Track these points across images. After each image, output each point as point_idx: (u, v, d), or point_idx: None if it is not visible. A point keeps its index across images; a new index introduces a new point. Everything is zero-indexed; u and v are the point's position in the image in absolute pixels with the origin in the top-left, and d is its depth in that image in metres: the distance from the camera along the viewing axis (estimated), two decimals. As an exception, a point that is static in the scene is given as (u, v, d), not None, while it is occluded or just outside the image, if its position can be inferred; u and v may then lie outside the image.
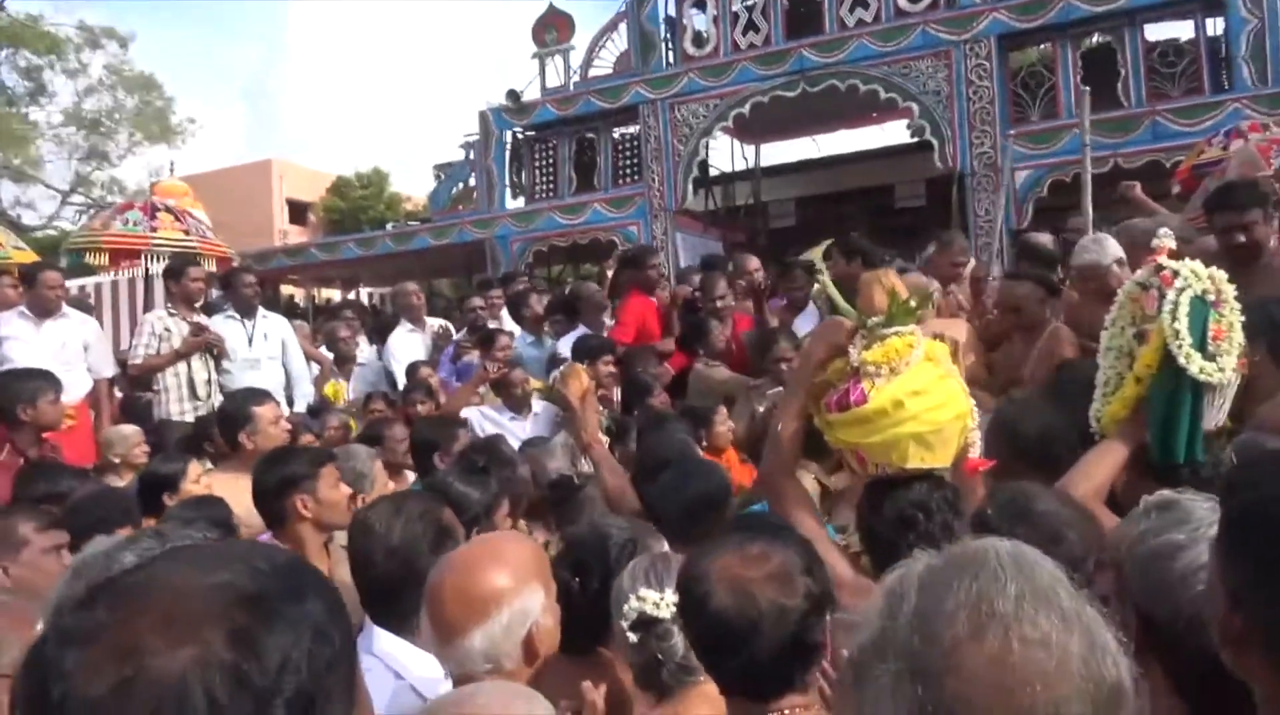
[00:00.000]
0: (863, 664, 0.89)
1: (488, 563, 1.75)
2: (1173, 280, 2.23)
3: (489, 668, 1.67)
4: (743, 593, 1.53)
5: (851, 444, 2.04)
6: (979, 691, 0.83)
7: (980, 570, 0.88)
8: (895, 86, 11.25)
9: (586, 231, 13.03)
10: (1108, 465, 2.22)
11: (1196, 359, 2.18)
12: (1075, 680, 0.83)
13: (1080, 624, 0.87)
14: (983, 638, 0.84)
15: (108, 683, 0.71)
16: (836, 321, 2.08)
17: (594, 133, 13.32)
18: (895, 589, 0.91)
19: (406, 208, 28.83)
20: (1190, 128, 9.51)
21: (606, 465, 3.15)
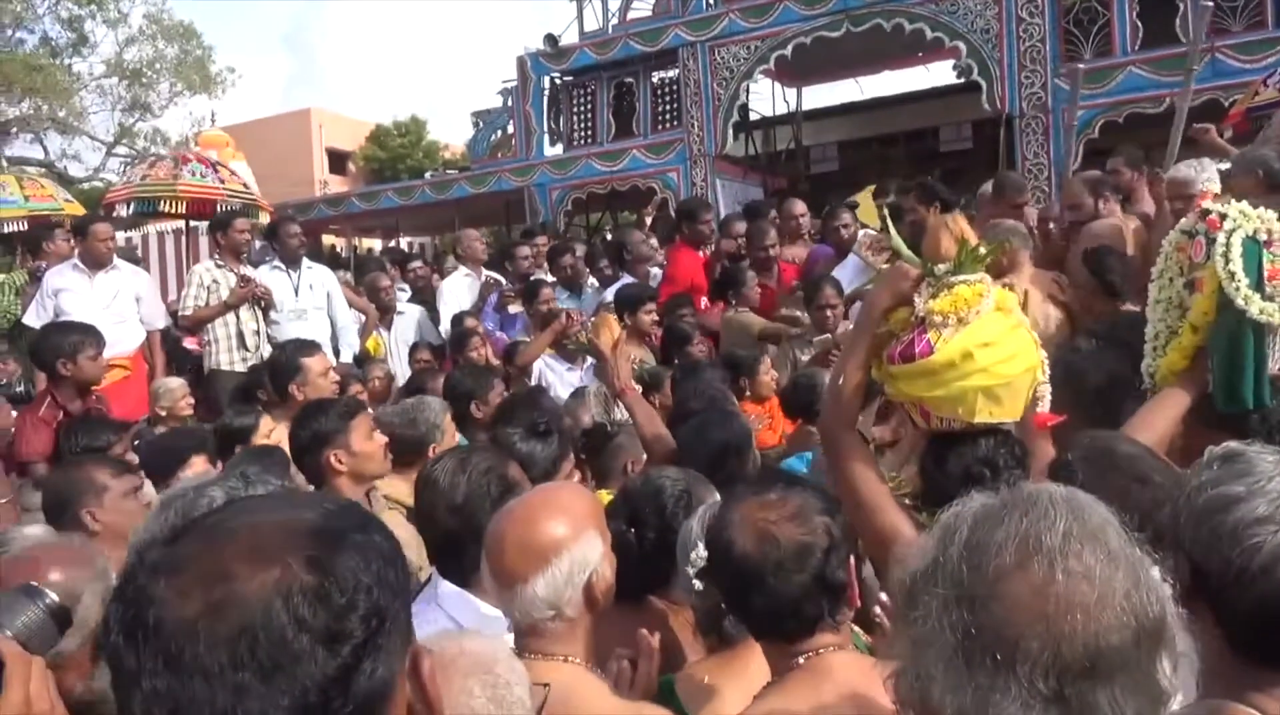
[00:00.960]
0: (915, 589, 0.94)
1: (547, 512, 1.77)
2: (1220, 223, 2.15)
3: (551, 615, 1.70)
4: (764, 534, 1.59)
5: (915, 397, 1.98)
6: (1022, 617, 0.87)
7: (1031, 508, 0.93)
8: (942, 25, 10.91)
9: (626, 178, 12.91)
10: (1169, 416, 2.18)
11: (1256, 300, 2.10)
12: (1116, 612, 0.87)
13: (1126, 562, 0.90)
14: (1028, 568, 0.89)
15: (198, 605, 0.78)
16: (901, 268, 2.01)
17: (632, 77, 13.11)
18: (950, 523, 0.96)
19: (445, 156, 28.76)
20: (1252, 64, 9.15)
21: (641, 411, 3.15)
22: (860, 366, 2.03)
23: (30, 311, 6.13)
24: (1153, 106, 9.80)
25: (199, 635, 0.77)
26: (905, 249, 2.07)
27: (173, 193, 8.68)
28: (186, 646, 0.77)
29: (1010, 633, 0.87)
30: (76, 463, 2.94)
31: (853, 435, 2.05)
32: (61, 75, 23.41)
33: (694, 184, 12.33)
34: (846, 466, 2.02)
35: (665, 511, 2.07)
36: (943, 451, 1.99)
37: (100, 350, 4.76)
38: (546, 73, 13.50)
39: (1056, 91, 10.40)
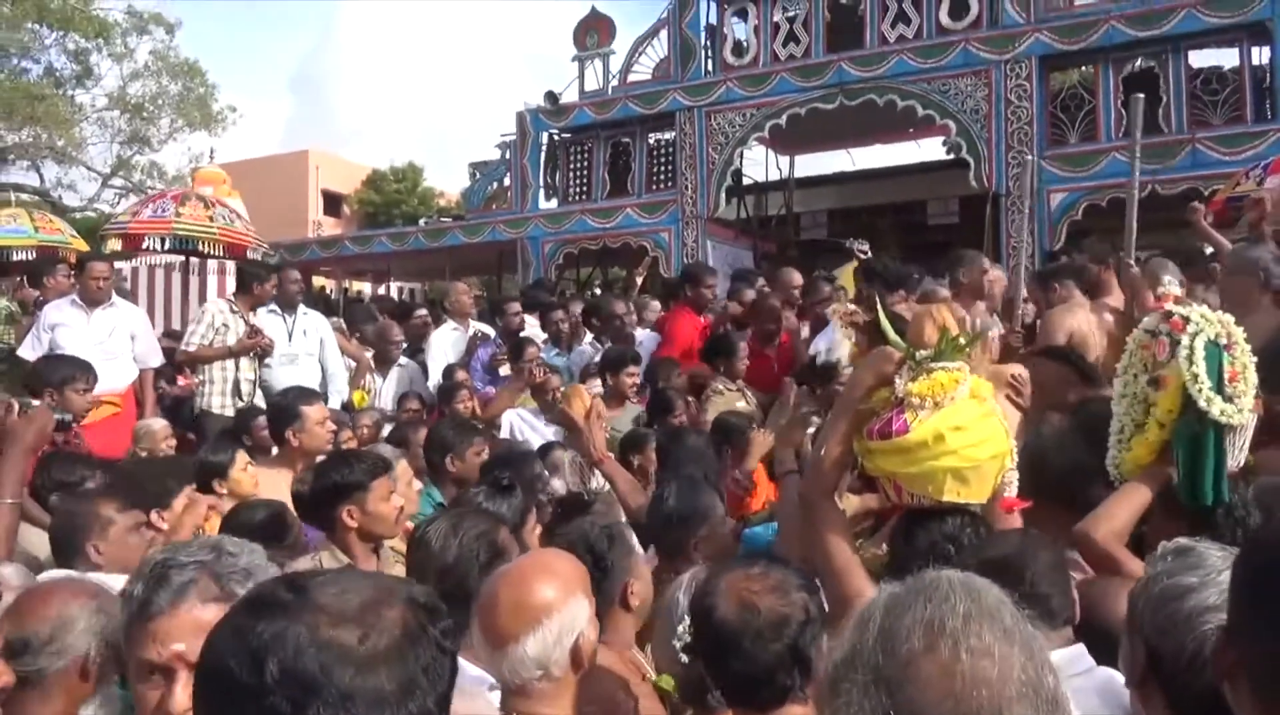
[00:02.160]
0: (837, 678, 1.01)
1: (539, 575, 1.88)
2: (1184, 326, 2.28)
3: (539, 674, 1.78)
4: (745, 602, 1.70)
5: (889, 472, 2.11)
6: (933, 697, 0.94)
7: (934, 593, 1.01)
8: (933, 103, 11.24)
9: (618, 235, 13.11)
10: (1131, 508, 2.27)
11: (1217, 402, 2.21)
12: (1017, 685, 0.95)
13: (1021, 638, 0.98)
14: (936, 650, 0.96)
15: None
16: (886, 351, 2.14)
17: (629, 138, 13.39)
18: (864, 613, 1.04)
19: (439, 204, 29.03)
20: (1230, 156, 9.47)
21: (622, 479, 3.23)
22: (842, 440, 2.14)
23: (26, 344, 6.17)
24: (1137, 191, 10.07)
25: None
26: (891, 333, 2.18)
27: (123, 231, 8.84)
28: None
29: (924, 712, 0.94)
30: (84, 496, 2.98)
31: (830, 503, 2.15)
32: (63, 106, 23.62)
33: (685, 245, 12.54)
34: (822, 533, 2.12)
35: (595, 547, 2.26)
36: (912, 527, 2.10)
37: (91, 385, 4.80)
38: (545, 129, 13.76)
39: (1042, 173, 10.71)
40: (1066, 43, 10.67)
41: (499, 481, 2.96)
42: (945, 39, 11.23)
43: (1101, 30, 10.47)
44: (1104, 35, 10.46)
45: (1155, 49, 10.49)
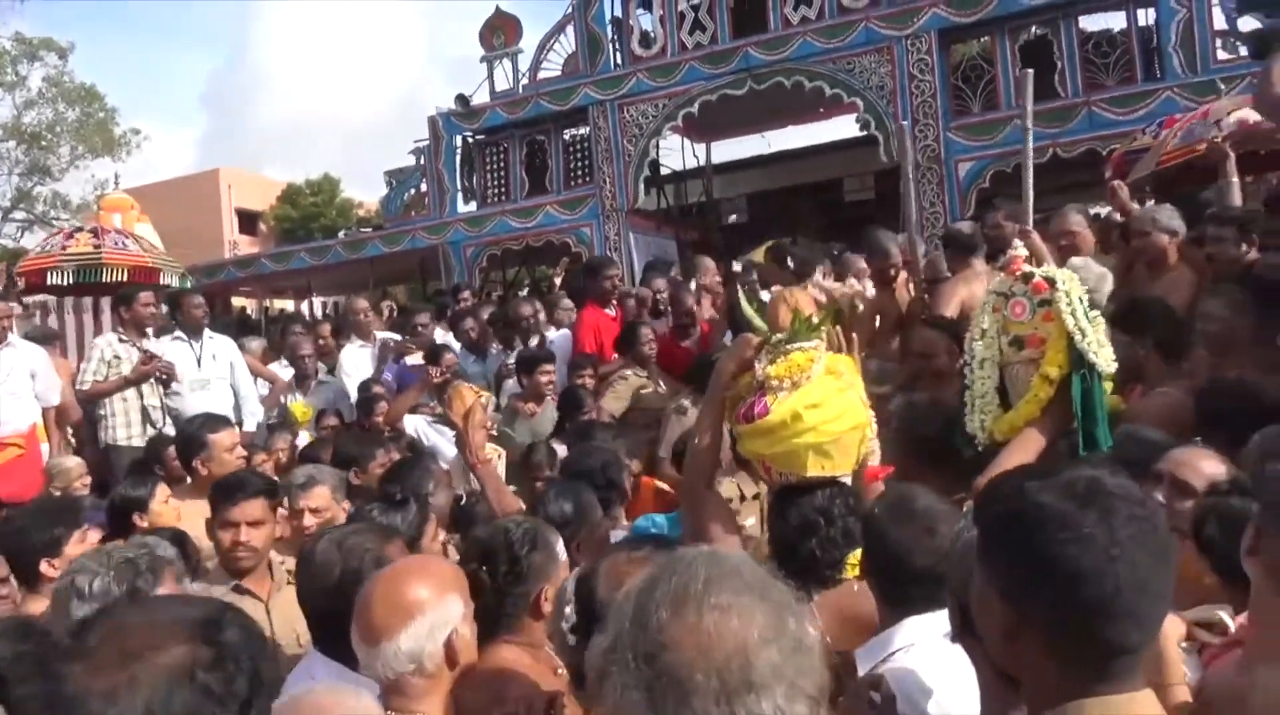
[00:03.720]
0: (604, 667, 1.06)
1: (413, 574, 1.95)
2: (1050, 286, 2.34)
3: (413, 668, 1.84)
4: (621, 585, 1.67)
5: (758, 454, 2.16)
6: (686, 656, 1.01)
7: (679, 566, 1.09)
8: (840, 83, 11.39)
9: (540, 234, 13.06)
10: (1027, 454, 2.31)
11: (1103, 352, 2.28)
12: (760, 632, 1.02)
13: (760, 590, 1.07)
14: (682, 615, 1.04)
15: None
16: (746, 337, 2.18)
17: (544, 135, 13.34)
18: (621, 601, 1.11)
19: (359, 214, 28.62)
20: (1124, 116, 9.76)
21: (492, 483, 3.20)
22: (712, 428, 2.16)
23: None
24: (1038, 157, 10.28)
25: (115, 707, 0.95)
26: (752, 317, 2.21)
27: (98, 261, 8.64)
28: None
29: (681, 674, 1.01)
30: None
31: (709, 490, 2.18)
32: (-44, 140, 22.75)
33: (607, 238, 12.54)
34: (702, 518, 2.15)
35: (515, 549, 2.22)
36: (784, 504, 2.14)
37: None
38: (459, 132, 13.64)
39: (949, 144, 10.93)
40: (963, 15, 10.88)
41: (391, 495, 2.93)
42: (846, 18, 11.38)
43: (995, 1, 10.69)
44: (998, 6, 10.70)
45: (1048, 16, 10.75)
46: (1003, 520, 1.21)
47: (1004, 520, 1.20)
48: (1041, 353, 2.36)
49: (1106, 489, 1.16)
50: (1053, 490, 1.16)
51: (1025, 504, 1.17)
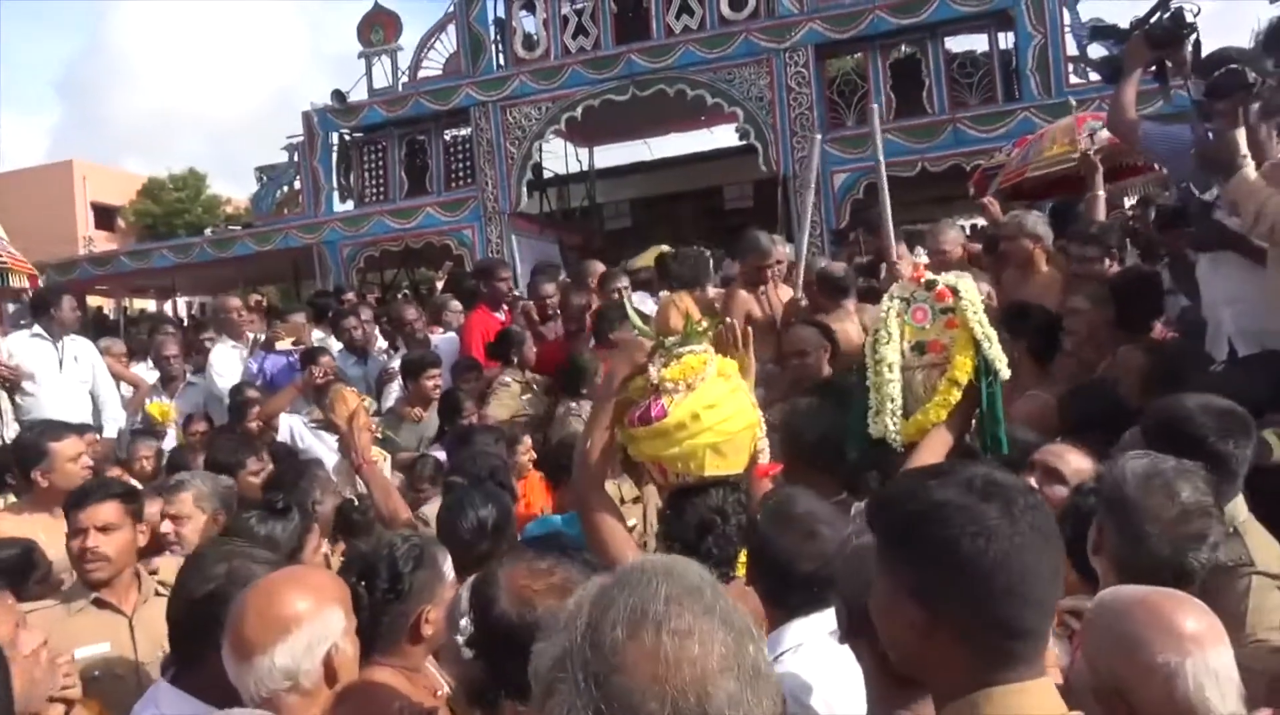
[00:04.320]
0: (551, 680, 1.01)
1: (290, 586, 1.83)
2: (952, 295, 2.45)
3: (288, 685, 1.72)
4: (524, 601, 1.64)
5: (653, 456, 2.18)
6: (640, 682, 0.96)
7: (637, 581, 1.03)
8: (721, 92, 11.61)
9: (420, 235, 12.82)
10: (939, 455, 2.38)
11: (1002, 359, 2.40)
12: (719, 659, 0.97)
13: (721, 613, 1.01)
14: (639, 637, 0.98)
15: None
16: (638, 341, 2.20)
17: (425, 135, 13.11)
18: (573, 610, 1.05)
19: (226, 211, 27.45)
20: (986, 134, 10.27)
21: (377, 485, 3.13)
22: (605, 431, 2.17)
23: None
24: (906, 170, 10.77)
25: None
26: (639, 322, 2.24)
27: None
28: None
29: (634, 700, 0.95)
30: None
31: (602, 493, 2.19)
32: None
33: (490, 241, 12.41)
34: (596, 522, 2.16)
35: (396, 565, 2.12)
36: (680, 503, 2.17)
37: None
38: (335, 129, 13.26)
39: (825, 156, 11.26)
40: (838, 31, 11.26)
41: (273, 504, 2.81)
42: (727, 30, 11.61)
43: (868, 19, 11.11)
44: (871, 24, 11.11)
45: (916, 36, 11.24)
46: (909, 520, 1.23)
47: (910, 520, 1.22)
48: (944, 358, 2.44)
49: (1001, 483, 1.21)
50: (953, 487, 1.20)
51: (929, 503, 1.20)
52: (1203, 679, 1.41)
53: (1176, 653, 1.43)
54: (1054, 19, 10.50)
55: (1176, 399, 2.38)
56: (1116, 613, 1.46)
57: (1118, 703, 1.43)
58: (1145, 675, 1.43)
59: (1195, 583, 1.86)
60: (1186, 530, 1.90)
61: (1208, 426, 2.22)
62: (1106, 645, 1.42)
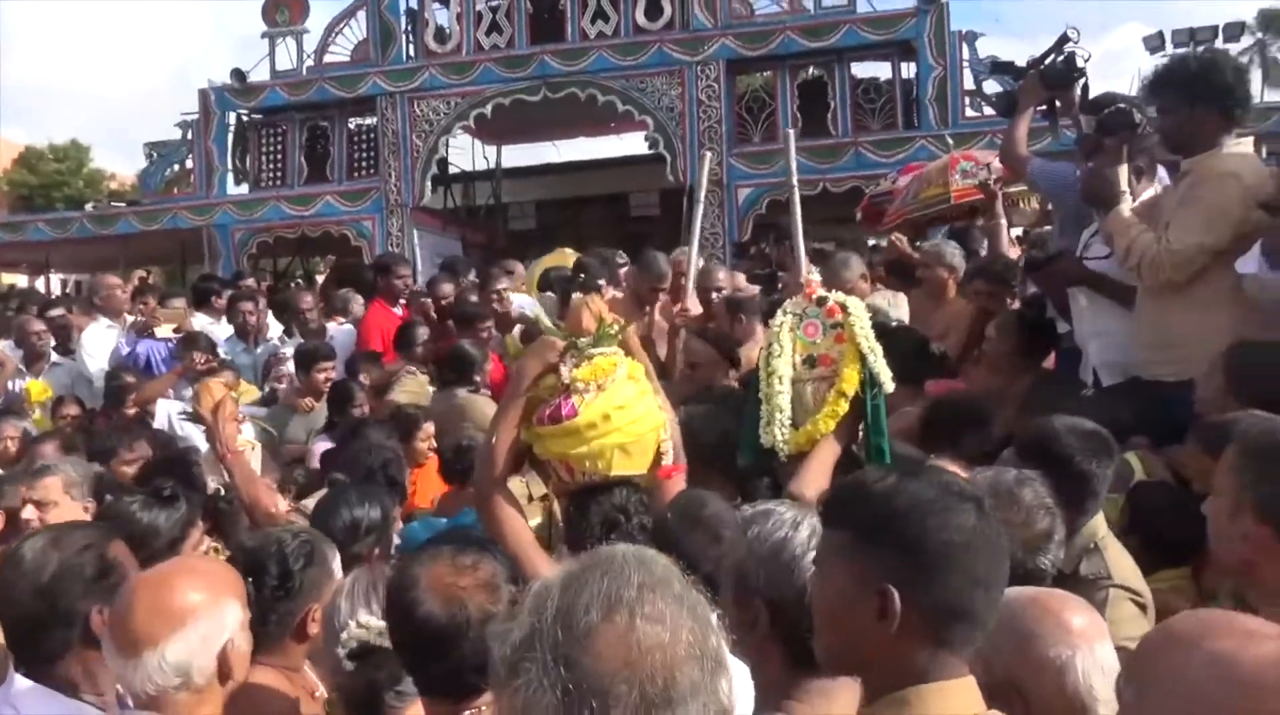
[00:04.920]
0: (515, 660, 1.02)
1: (183, 577, 1.76)
2: (841, 311, 2.56)
3: (179, 682, 1.65)
4: (453, 599, 1.61)
5: (560, 454, 2.20)
6: (610, 666, 0.99)
7: (610, 567, 1.06)
8: (632, 99, 11.69)
9: (318, 224, 12.48)
10: (828, 467, 2.50)
11: (887, 373, 2.51)
12: (686, 647, 1.01)
13: (688, 603, 1.05)
14: (613, 620, 1.01)
15: None
16: (550, 341, 2.22)
17: (328, 121, 12.78)
18: (541, 592, 1.06)
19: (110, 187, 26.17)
20: (886, 159, 10.61)
21: (241, 476, 3.04)
22: (512, 428, 2.18)
23: None
24: (809, 189, 11.03)
25: None
26: (548, 323, 2.26)
27: None
28: None
29: (603, 683, 0.97)
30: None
31: (505, 491, 2.19)
32: None
33: (390, 234, 12.18)
34: (499, 519, 2.16)
35: (287, 561, 2.07)
36: (585, 502, 2.20)
37: None
38: (233, 108, 12.81)
39: (731, 169, 11.48)
40: (750, 49, 11.49)
41: (160, 490, 2.69)
42: (641, 38, 11.70)
43: (779, 39, 11.37)
44: (781, 44, 11.37)
45: (824, 59, 11.55)
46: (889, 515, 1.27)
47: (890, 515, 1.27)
48: (833, 371, 2.55)
49: (967, 487, 1.29)
50: (932, 487, 1.27)
51: (912, 498, 1.26)
52: (1091, 671, 1.51)
53: (1067, 647, 1.53)
54: (954, 53, 10.95)
55: (1047, 421, 2.53)
56: (1011, 612, 1.55)
57: (1014, 698, 1.50)
58: (1039, 669, 1.52)
59: (1046, 582, 1.97)
60: (1033, 532, 2.02)
61: (1073, 446, 2.36)
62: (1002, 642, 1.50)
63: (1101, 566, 2.27)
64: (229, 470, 3.07)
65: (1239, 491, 1.61)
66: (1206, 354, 2.92)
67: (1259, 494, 1.57)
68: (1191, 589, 2.55)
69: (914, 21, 11.08)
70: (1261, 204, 2.99)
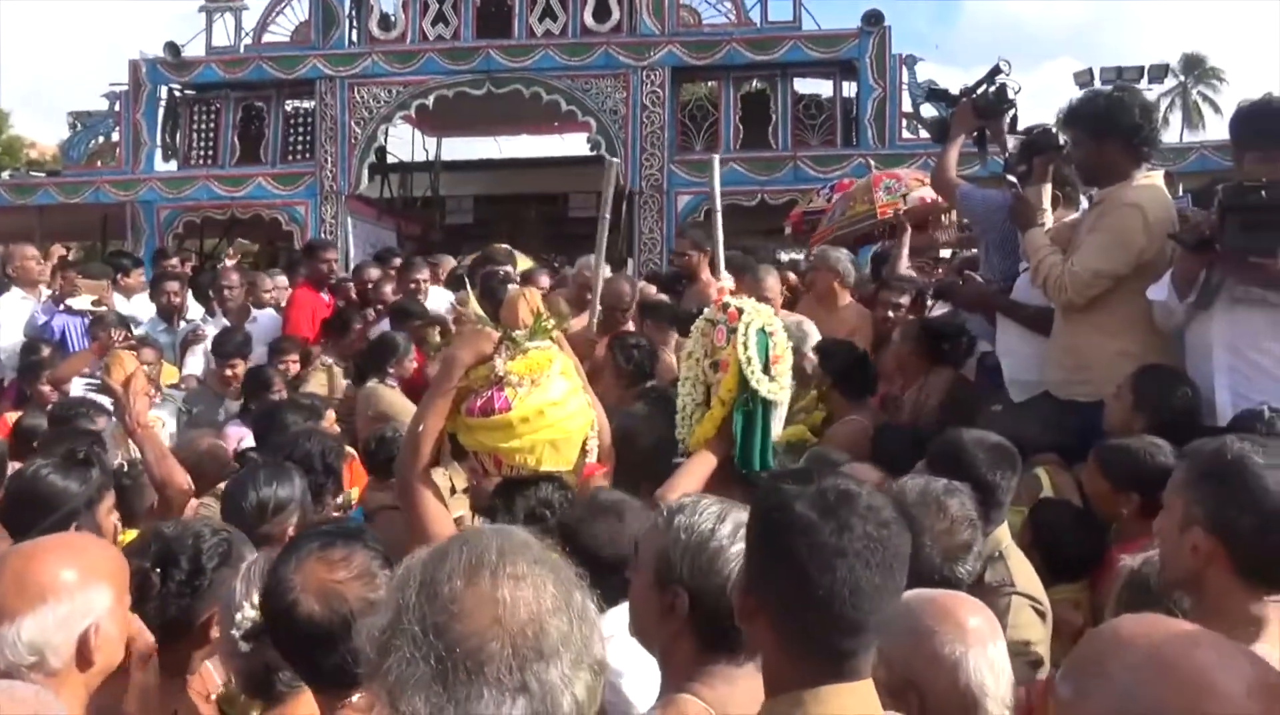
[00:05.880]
0: (385, 641, 1.05)
1: (56, 552, 1.69)
2: (739, 316, 2.62)
3: (33, 660, 1.57)
4: (331, 595, 1.60)
5: (490, 447, 2.19)
6: (479, 625, 1.03)
7: (470, 539, 1.11)
8: (577, 100, 11.69)
9: (248, 206, 12.19)
10: (700, 474, 2.57)
11: (764, 381, 2.57)
12: (550, 599, 1.07)
13: (550, 564, 1.12)
14: (477, 583, 1.05)
15: None
16: (484, 332, 2.21)
17: (264, 102, 12.50)
18: (403, 575, 1.10)
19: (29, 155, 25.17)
20: (824, 174, 10.80)
21: (151, 451, 2.96)
22: (441, 417, 2.16)
23: None
24: (748, 199, 11.19)
25: None
26: (482, 314, 2.27)
27: None
28: None
29: (475, 642, 1.01)
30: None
31: (428, 479, 2.17)
32: None
33: (324, 221, 11.97)
34: (421, 509, 2.14)
35: (200, 557, 1.99)
36: (511, 495, 2.21)
37: None
38: (164, 82, 12.45)
39: (671, 176, 11.56)
40: (695, 57, 11.58)
41: (75, 453, 2.60)
42: (588, 39, 11.71)
43: (725, 50, 11.49)
44: (727, 55, 11.50)
45: (768, 73, 11.71)
46: (759, 518, 1.33)
47: (761, 518, 1.33)
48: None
49: (854, 503, 1.28)
50: (805, 498, 1.28)
51: (778, 505, 1.29)
52: (983, 668, 1.57)
53: (961, 644, 1.59)
54: (894, 76, 11.20)
55: (956, 432, 2.64)
56: (911, 611, 1.60)
57: (910, 694, 1.56)
58: (934, 664, 1.58)
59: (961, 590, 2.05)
60: (955, 541, 2.11)
61: (979, 458, 2.46)
62: (902, 640, 1.56)
63: (1005, 574, 2.37)
64: (140, 446, 2.98)
65: (1189, 506, 1.69)
66: (1117, 377, 3.06)
67: (1208, 508, 1.65)
68: (1087, 603, 2.67)
69: (856, 42, 11.32)
70: (1171, 236, 3.14)
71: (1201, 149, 10.76)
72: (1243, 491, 1.62)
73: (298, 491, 2.60)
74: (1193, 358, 3.15)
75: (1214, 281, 3.00)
